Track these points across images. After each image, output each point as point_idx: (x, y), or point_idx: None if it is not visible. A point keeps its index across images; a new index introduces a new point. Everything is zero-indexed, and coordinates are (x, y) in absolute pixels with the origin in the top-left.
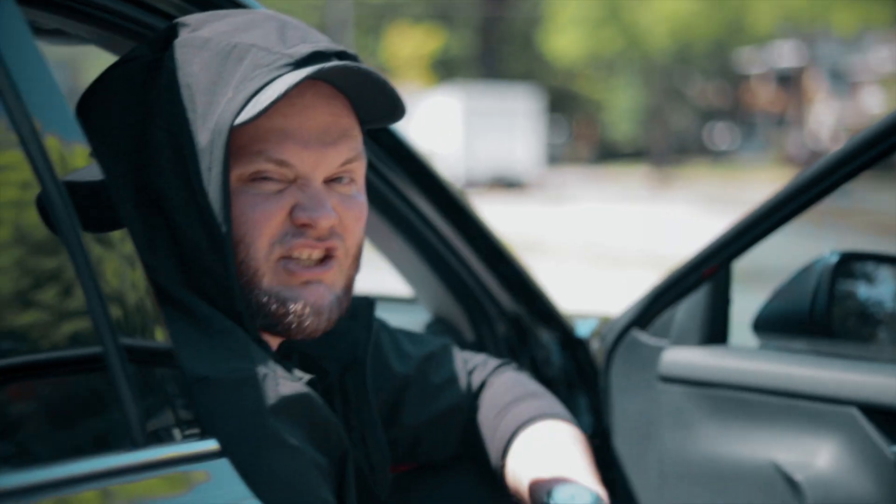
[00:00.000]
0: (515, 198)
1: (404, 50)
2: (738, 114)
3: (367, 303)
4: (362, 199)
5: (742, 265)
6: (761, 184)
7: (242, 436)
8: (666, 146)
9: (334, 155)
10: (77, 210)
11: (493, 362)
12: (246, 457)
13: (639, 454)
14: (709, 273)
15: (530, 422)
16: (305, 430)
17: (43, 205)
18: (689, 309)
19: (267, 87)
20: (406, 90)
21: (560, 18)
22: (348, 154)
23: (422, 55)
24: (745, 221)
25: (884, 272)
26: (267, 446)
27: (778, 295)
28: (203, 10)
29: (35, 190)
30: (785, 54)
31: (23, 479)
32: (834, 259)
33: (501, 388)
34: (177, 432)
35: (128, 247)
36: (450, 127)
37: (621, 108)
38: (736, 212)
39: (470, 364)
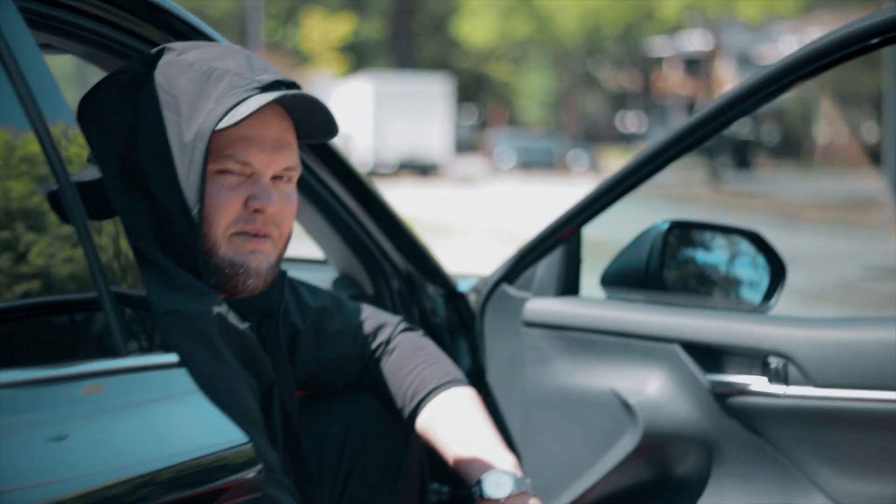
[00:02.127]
0: (425, 181)
1: (315, 33)
2: (648, 99)
3: (282, 273)
4: (295, 197)
5: None
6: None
7: (196, 352)
8: (577, 130)
9: (282, 160)
10: (83, 196)
11: (402, 323)
12: (197, 368)
13: (507, 386)
14: (565, 237)
15: (439, 389)
16: (243, 359)
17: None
18: (547, 267)
19: (242, 104)
20: (321, 78)
21: (471, 2)
22: (291, 161)
23: (333, 39)
24: (594, 194)
25: (704, 237)
26: (213, 361)
27: (620, 255)
28: (175, 38)
29: (45, 169)
30: (694, 41)
31: (46, 373)
32: (665, 226)
33: (409, 350)
34: (148, 349)
35: (119, 223)
36: (361, 112)
37: (532, 93)
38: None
39: (375, 320)
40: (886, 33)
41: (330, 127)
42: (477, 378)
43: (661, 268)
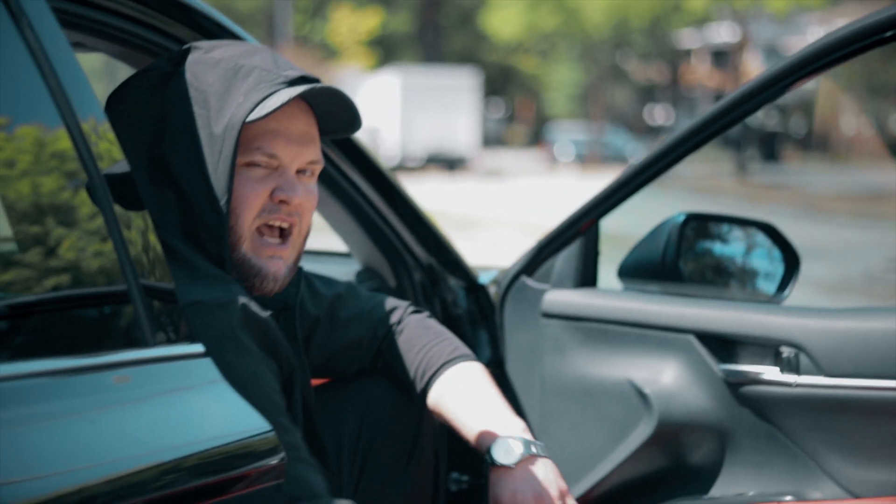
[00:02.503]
0: (452, 175)
1: (343, 27)
2: (676, 91)
3: (298, 268)
4: (316, 191)
5: None
6: (691, 161)
7: (220, 341)
8: (605, 123)
9: (307, 153)
10: (113, 190)
11: (410, 306)
12: (222, 356)
13: (526, 376)
14: (583, 229)
15: (449, 363)
16: (265, 346)
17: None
18: (566, 259)
19: (270, 97)
20: (349, 72)
21: None
22: (315, 155)
23: (360, 33)
24: (612, 186)
25: (718, 229)
26: (237, 350)
27: (637, 247)
28: (203, 36)
29: (76, 164)
30: (721, 33)
31: (78, 363)
32: (680, 218)
33: (418, 329)
34: (175, 339)
35: (148, 217)
36: (388, 106)
37: (560, 85)
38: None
39: (386, 304)
40: None
41: (353, 121)
42: (496, 368)
43: (676, 259)
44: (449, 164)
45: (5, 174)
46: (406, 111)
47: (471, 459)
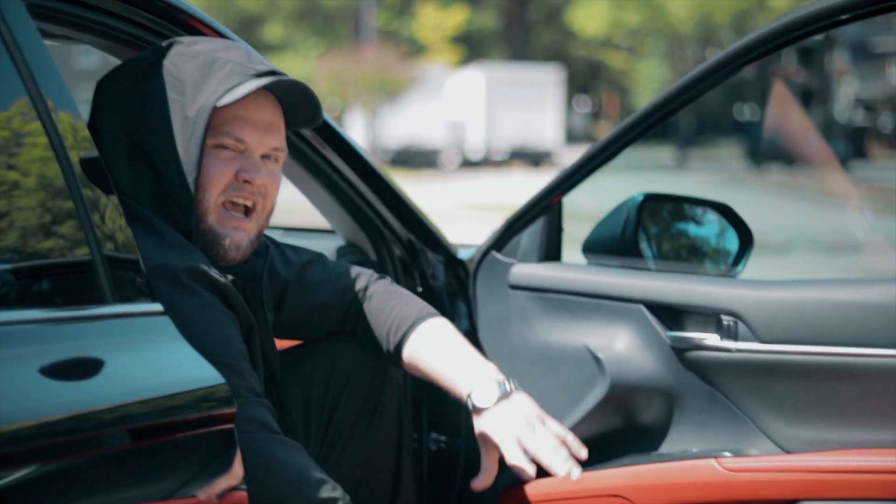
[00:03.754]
0: (537, 169)
1: (429, 24)
2: (765, 88)
3: (265, 244)
4: (280, 175)
5: None
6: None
7: (181, 299)
8: (692, 119)
9: (272, 140)
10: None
11: (374, 273)
12: (180, 307)
13: (496, 344)
14: (548, 206)
15: (419, 321)
16: (223, 301)
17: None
18: (531, 235)
19: (240, 86)
20: (434, 68)
21: None
22: (280, 143)
23: (446, 29)
24: (572, 167)
25: (675, 208)
26: (197, 306)
27: (600, 225)
28: (186, 33)
29: (49, 152)
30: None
31: (56, 315)
32: (640, 198)
33: (385, 293)
34: (137, 298)
35: (113, 198)
36: (473, 101)
37: (648, 81)
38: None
39: (353, 271)
40: (855, 10)
41: (315, 114)
42: (471, 336)
43: (635, 236)
44: (534, 159)
45: None
46: (490, 106)
47: (448, 420)
